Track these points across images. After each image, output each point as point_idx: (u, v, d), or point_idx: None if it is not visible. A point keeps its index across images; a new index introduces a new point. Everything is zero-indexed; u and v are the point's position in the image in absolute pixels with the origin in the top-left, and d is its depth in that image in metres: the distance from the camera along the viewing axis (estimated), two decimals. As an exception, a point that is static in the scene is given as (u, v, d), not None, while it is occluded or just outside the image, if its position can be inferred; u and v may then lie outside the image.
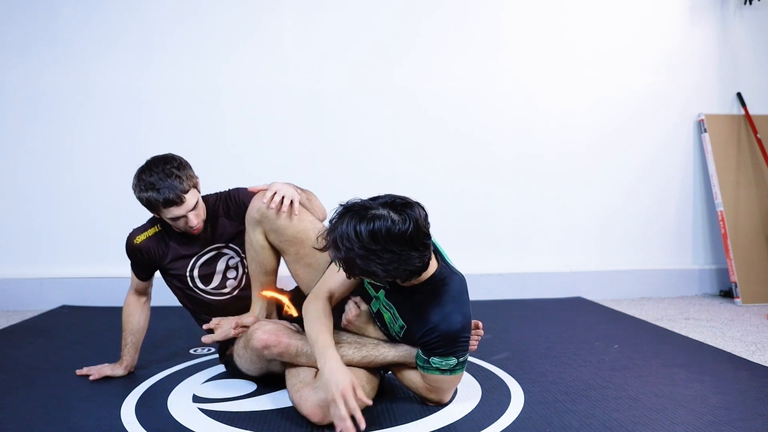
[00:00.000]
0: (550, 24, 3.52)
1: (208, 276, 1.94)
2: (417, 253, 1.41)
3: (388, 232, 1.37)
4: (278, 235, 1.77)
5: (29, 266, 3.33)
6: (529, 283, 3.49)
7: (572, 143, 3.55)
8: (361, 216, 1.39)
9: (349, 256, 1.40)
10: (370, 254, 1.38)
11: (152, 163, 1.82)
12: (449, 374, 1.59)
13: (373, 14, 3.43)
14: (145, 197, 1.79)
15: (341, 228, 1.40)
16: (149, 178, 1.79)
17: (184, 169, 1.83)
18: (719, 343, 2.45)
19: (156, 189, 1.77)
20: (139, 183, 1.81)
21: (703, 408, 1.68)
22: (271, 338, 1.63)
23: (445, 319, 1.53)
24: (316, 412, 1.51)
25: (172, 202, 1.77)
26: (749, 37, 3.64)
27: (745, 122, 3.59)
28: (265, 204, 1.75)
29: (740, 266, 3.40)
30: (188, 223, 1.83)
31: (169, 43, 3.35)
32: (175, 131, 3.34)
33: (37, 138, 3.31)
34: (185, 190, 1.79)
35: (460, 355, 1.57)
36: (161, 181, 1.77)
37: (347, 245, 1.38)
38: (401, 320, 1.62)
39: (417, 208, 1.43)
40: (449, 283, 1.57)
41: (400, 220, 1.38)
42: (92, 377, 1.93)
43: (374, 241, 1.37)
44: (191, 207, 1.82)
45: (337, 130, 3.44)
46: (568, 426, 1.55)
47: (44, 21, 3.28)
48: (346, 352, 1.63)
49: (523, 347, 2.35)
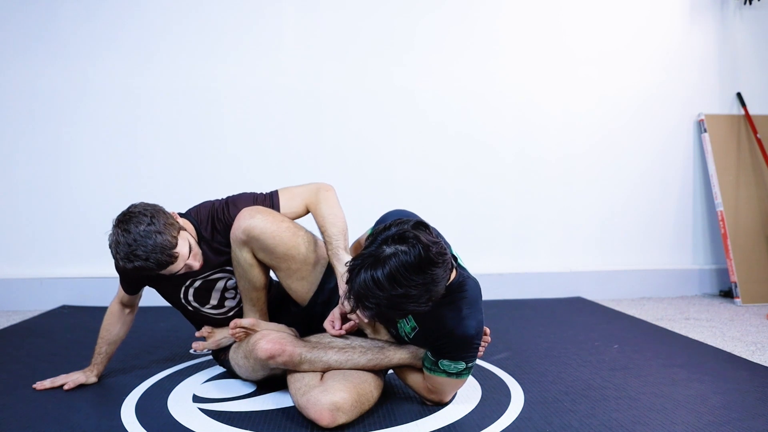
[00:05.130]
0: (549, 24, 3.52)
1: (205, 298, 1.88)
2: (440, 269, 1.38)
3: (405, 267, 1.33)
4: (268, 253, 1.70)
5: (29, 266, 3.33)
6: (529, 283, 3.49)
7: (572, 143, 3.55)
8: (373, 265, 1.35)
9: (380, 311, 1.38)
10: (400, 297, 1.35)
11: (127, 228, 1.60)
12: (455, 378, 1.59)
13: (372, 14, 3.43)
14: (133, 268, 1.60)
15: (358, 282, 1.36)
16: (127, 249, 1.59)
17: (160, 222, 1.62)
18: (719, 343, 2.45)
19: (142, 259, 1.58)
20: (120, 255, 1.60)
21: (703, 408, 1.68)
22: (275, 348, 1.59)
23: (461, 324, 1.52)
24: (325, 415, 1.48)
25: (165, 264, 1.62)
26: (749, 37, 3.64)
27: (745, 122, 3.59)
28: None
29: (740, 266, 3.40)
30: (191, 269, 1.72)
31: (168, 44, 3.35)
32: (173, 131, 3.34)
33: (35, 137, 3.31)
34: (173, 245, 1.61)
35: (470, 360, 1.57)
36: (142, 249, 1.57)
37: (373, 301, 1.36)
38: (413, 322, 1.61)
39: (416, 225, 1.40)
40: (466, 289, 1.55)
41: (409, 248, 1.34)
42: (67, 387, 1.83)
43: (397, 284, 1.33)
44: (186, 255, 1.67)
45: (336, 131, 3.44)
46: (568, 426, 1.55)
47: (43, 21, 3.28)
48: (351, 356, 1.63)
49: (523, 347, 2.35)
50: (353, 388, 1.54)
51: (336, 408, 1.48)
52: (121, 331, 1.93)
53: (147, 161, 3.35)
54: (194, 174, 3.35)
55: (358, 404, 1.54)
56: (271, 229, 1.67)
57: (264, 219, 1.67)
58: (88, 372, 1.90)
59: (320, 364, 1.62)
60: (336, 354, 1.63)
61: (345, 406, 1.49)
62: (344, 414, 1.50)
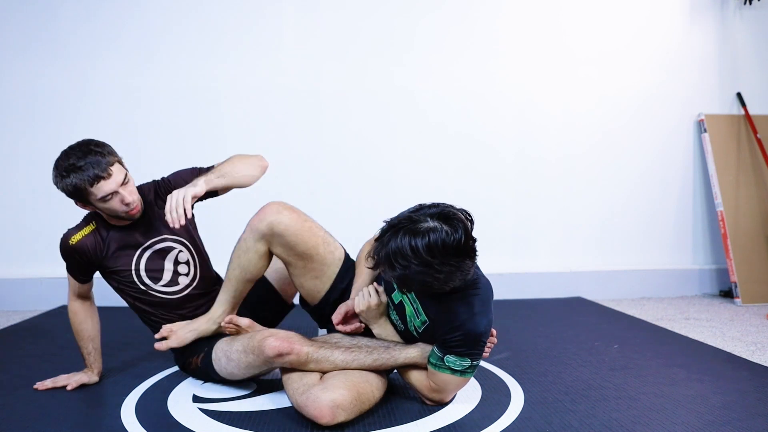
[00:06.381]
0: (549, 24, 3.52)
1: (157, 272, 1.87)
2: (471, 262, 1.44)
3: (444, 245, 1.37)
4: (287, 250, 1.71)
5: (29, 266, 3.33)
6: (529, 283, 3.49)
7: (572, 143, 3.55)
8: (413, 231, 1.39)
9: (405, 273, 1.41)
10: (429, 268, 1.39)
11: (67, 151, 1.72)
12: (459, 375, 1.59)
13: (372, 14, 3.43)
14: (70, 183, 1.68)
15: (394, 244, 1.39)
16: (66, 162, 1.69)
17: (103, 147, 1.74)
18: (719, 343, 2.45)
19: (78, 168, 1.67)
20: (59, 171, 1.70)
21: (703, 408, 1.69)
22: (284, 345, 1.58)
23: (472, 319, 1.54)
24: (325, 412, 1.48)
25: (98, 177, 1.67)
26: (749, 37, 3.64)
27: (745, 122, 3.59)
28: None
29: (740, 266, 3.40)
30: (123, 201, 1.74)
31: (168, 44, 3.35)
32: (173, 131, 3.34)
33: (36, 137, 3.31)
34: (110, 162, 1.70)
35: (475, 357, 1.57)
36: (80, 160, 1.67)
37: (403, 262, 1.39)
38: (424, 316, 1.62)
39: (463, 215, 1.45)
40: (480, 287, 1.58)
41: (452, 231, 1.39)
42: (70, 387, 1.84)
43: (431, 255, 1.37)
44: (120, 181, 1.72)
45: (336, 131, 3.44)
46: (568, 426, 1.55)
47: (43, 21, 3.28)
48: (357, 356, 1.63)
49: (523, 347, 2.35)
50: (354, 386, 1.54)
51: (336, 405, 1.48)
52: (95, 323, 1.92)
53: (147, 161, 3.32)
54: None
55: (358, 403, 1.54)
56: (296, 227, 1.69)
57: (290, 216, 1.70)
58: (89, 372, 1.90)
59: (327, 363, 1.62)
60: (342, 354, 1.63)
61: (344, 404, 1.50)
62: (344, 411, 1.50)
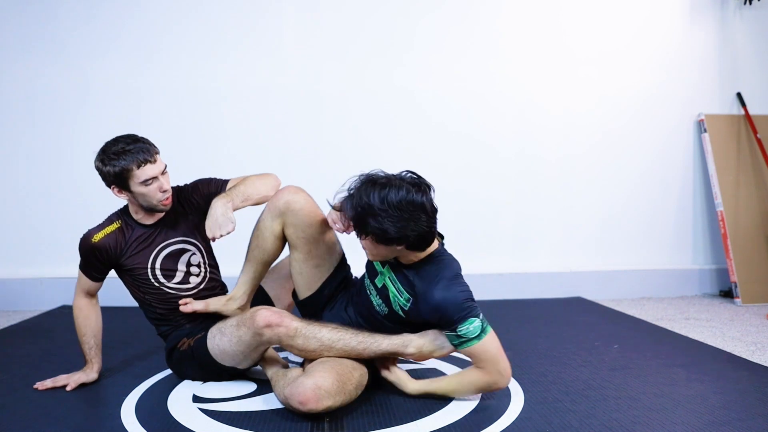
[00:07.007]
0: (549, 24, 3.52)
1: (171, 271, 1.92)
2: (426, 217, 1.57)
3: (404, 198, 1.55)
4: (298, 230, 1.78)
5: (29, 266, 3.33)
6: (529, 283, 3.49)
7: (572, 143, 3.55)
8: (381, 184, 1.57)
9: (363, 213, 1.55)
10: (383, 212, 1.53)
11: (115, 138, 1.83)
12: (484, 336, 1.61)
13: (372, 14, 3.43)
14: (119, 165, 1.76)
15: (360, 190, 1.57)
16: (116, 146, 1.79)
17: (147, 139, 1.84)
18: (719, 343, 2.45)
19: (128, 152, 1.77)
20: (107, 154, 1.79)
21: (703, 408, 1.69)
22: (274, 318, 1.67)
23: (449, 291, 1.61)
24: (309, 395, 1.53)
25: (146, 160, 1.77)
26: (749, 37, 3.64)
27: (745, 122, 3.59)
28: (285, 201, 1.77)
29: (740, 266, 3.40)
30: (161, 188, 1.82)
31: (168, 43, 3.35)
32: (174, 130, 3.34)
33: (36, 137, 3.31)
34: (156, 150, 1.81)
35: (476, 312, 1.61)
36: (129, 145, 1.78)
37: (363, 202, 1.55)
38: (406, 293, 1.68)
39: (429, 189, 1.61)
40: (444, 258, 1.69)
41: (414, 191, 1.57)
42: (69, 387, 1.85)
43: (389, 202, 1.54)
44: (162, 169, 1.82)
45: (336, 130, 3.44)
46: (568, 426, 1.55)
47: (43, 21, 3.28)
48: (343, 335, 1.70)
49: (523, 347, 2.35)
50: (335, 371, 1.61)
51: (318, 386, 1.54)
52: (98, 321, 1.95)
53: (147, 161, 3.35)
54: (195, 174, 3.29)
55: (341, 386, 1.59)
56: (310, 208, 1.79)
57: (306, 198, 1.80)
58: (87, 370, 1.90)
59: (314, 340, 1.68)
60: (329, 332, 1.71)
61: (326, 385, 1.55)
62: (327, 393, 1.54)
